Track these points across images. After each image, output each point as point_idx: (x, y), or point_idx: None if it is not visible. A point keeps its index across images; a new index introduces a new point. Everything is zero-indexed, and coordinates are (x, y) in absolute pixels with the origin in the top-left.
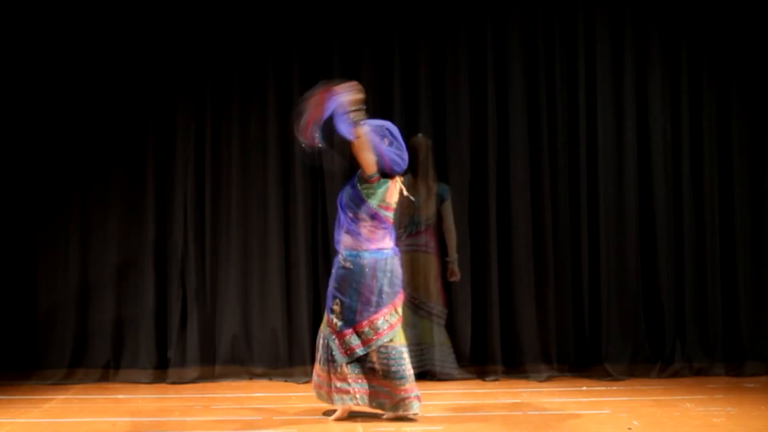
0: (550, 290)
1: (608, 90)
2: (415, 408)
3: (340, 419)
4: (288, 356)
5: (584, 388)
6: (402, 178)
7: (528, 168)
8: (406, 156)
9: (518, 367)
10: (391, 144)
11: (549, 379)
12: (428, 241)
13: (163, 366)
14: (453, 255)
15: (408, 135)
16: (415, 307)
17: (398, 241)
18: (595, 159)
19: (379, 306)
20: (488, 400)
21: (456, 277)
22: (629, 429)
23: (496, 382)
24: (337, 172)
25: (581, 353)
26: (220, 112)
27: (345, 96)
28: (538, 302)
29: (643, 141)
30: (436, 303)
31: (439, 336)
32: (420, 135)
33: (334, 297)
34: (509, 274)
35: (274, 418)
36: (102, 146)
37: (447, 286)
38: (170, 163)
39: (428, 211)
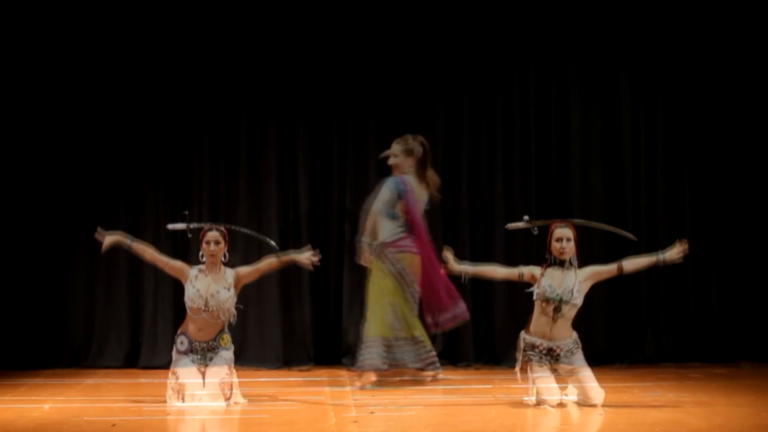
0: None
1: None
2: None
3: None
4: (260, 343)
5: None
6: None
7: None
8: None
9: (490, 354)
10: None
11: None
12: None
13: (134, 351)
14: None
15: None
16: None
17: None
18: (569, 160)
19: None
20: (460, 385)
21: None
22: (600, 415)
23: (468, 369)
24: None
25: None
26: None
27: None
28: (510, 289)
29: (614, 142)
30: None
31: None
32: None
33: None
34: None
35: (246, 403)
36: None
37: None
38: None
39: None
